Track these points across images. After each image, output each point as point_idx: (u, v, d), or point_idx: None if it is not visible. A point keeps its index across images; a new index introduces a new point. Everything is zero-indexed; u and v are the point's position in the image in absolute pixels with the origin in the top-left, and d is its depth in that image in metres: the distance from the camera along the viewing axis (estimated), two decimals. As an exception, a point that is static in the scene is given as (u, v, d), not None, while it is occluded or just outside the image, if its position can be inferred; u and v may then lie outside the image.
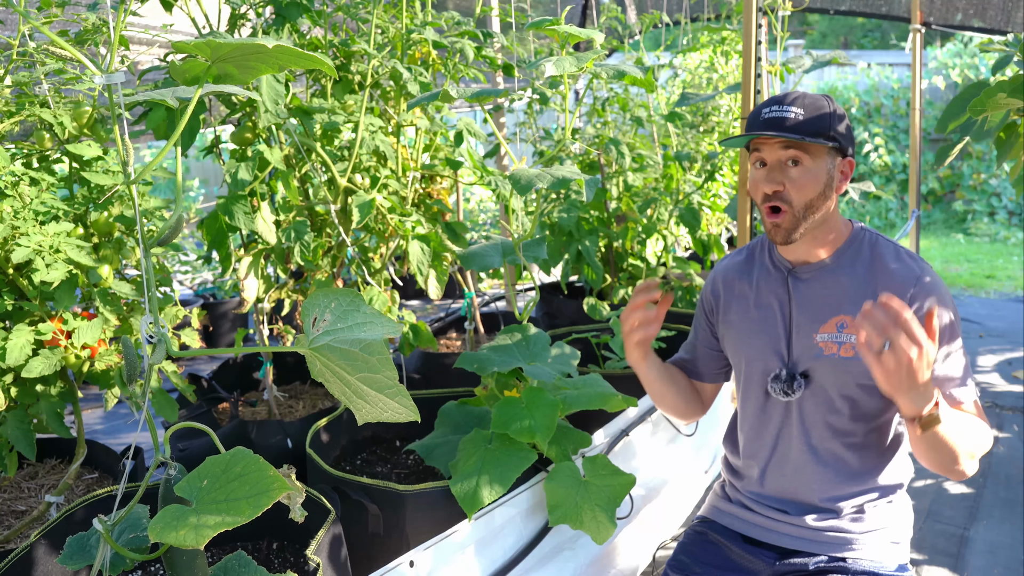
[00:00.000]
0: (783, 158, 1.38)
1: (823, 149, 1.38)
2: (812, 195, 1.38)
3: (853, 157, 1.43)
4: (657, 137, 3.74)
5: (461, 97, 1.91)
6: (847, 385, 1.43)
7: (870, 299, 1.39)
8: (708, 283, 1.64)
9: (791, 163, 1.38)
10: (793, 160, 1.38)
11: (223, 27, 2.05)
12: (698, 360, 1.68)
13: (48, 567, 1.44)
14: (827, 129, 1.37)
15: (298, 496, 1.03)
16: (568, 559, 1.81)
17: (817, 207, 1.39)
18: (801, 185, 1.37)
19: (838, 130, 1.39)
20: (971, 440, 1.30)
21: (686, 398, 1.66)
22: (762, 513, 1.55)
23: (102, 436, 3.22)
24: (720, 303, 1.60)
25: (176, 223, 1.08)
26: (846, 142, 1.40)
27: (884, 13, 4.94)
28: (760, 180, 1.40)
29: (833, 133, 1.38)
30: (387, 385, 1.00)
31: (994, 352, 4.40)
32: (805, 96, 1.40)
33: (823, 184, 1.38)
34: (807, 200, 1.38)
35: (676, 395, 1.64)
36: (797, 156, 1.37)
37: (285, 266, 2.15)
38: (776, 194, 1.38)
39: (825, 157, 1.39)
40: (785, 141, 1.37)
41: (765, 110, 1.40)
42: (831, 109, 1.39)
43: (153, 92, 1.10)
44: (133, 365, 1.12)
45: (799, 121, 1.36)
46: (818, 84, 10.12)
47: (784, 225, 1.39)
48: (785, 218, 1.39)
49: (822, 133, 1.37)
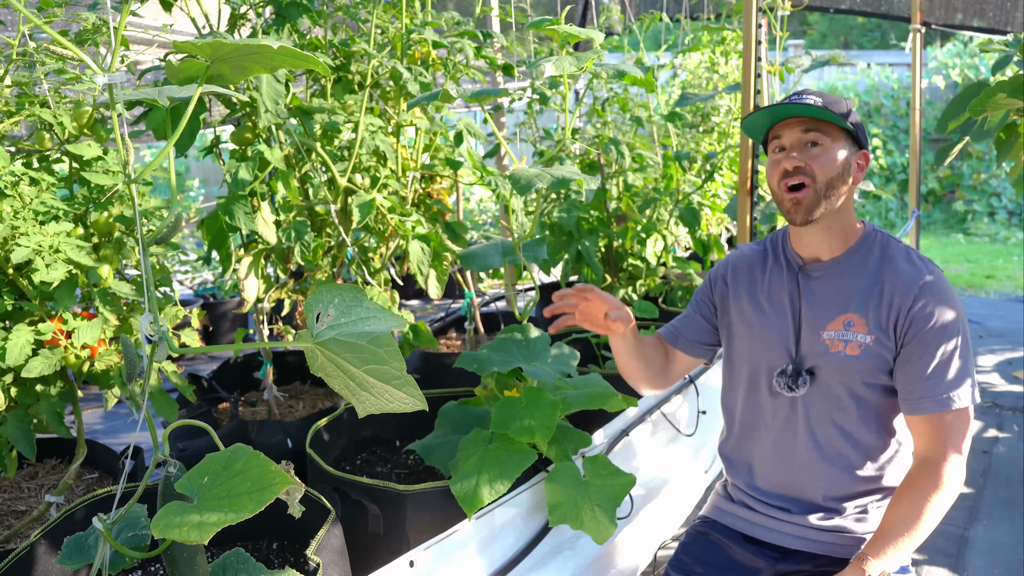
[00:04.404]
0: (804, 140, 1.44)
1: (841, 134, 1.44)
2: (832, 174, 1.42)
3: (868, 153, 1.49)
4: (657, 137, 3.74)
5: (461, 97, 1.91)
6: (854, 383, 1.44)
7: (878, 299, 1.40)
8: (721, 265, 1.66)
9: (811, 145, 1.43)
10: (813, 142, 1.43)
11: (223, 27, 2.05)
12: (686, 328, 1.69)
13: (48, 567, 1.44)
14: (845, 116, 1.42)
15: (297, 492, 1.03)
16: (568, 559, 1.81)
17: (836, 188, 1.43)
18: (823, 162, 1.42)
19: (854, 122, 1.45)
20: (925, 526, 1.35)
21: (652, 369, 1.67)
22: (764, 512, 1.55)
23: (102, 436, 3.21)
24: (730, 291, 1.62)
25: (174, 222, 1.08)
26: (861, 135, 1.46)
27: (884, 13, 4.94)
28: (781, 159, 1.45)
29: (850, 121, 1.43)
30: (395, 376, 1.01)
31: (994, 352, 4.40)
32: (821, 92, 1.47)
33: (841, 167, 1.43)
34: (828, 178, 1.42)
35: (640, 366, 1.66)
36: (817, 138, 1.43)
37: (285, 266, 2.15)
38: (797, 169, 1.42)
39: (843, 141, 1.44)
40: (805, 125, 1.43)
41: (784, 101, 1.46)
42: (846, 105, 1.46)
43: (144, 91, 1.10)
44: (133, 364, 1.12)
45: (818, 106, 1.42)
46: (818, 84, 10.12)
47: (805, 202, 1.42)
48: (807, 193, 1.42)
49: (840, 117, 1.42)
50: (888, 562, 1.33)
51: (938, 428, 1.37)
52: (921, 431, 1.40)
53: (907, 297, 1.39)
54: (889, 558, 1.33)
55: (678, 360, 1.70)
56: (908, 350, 1.39)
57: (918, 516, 1.34)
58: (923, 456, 1.39)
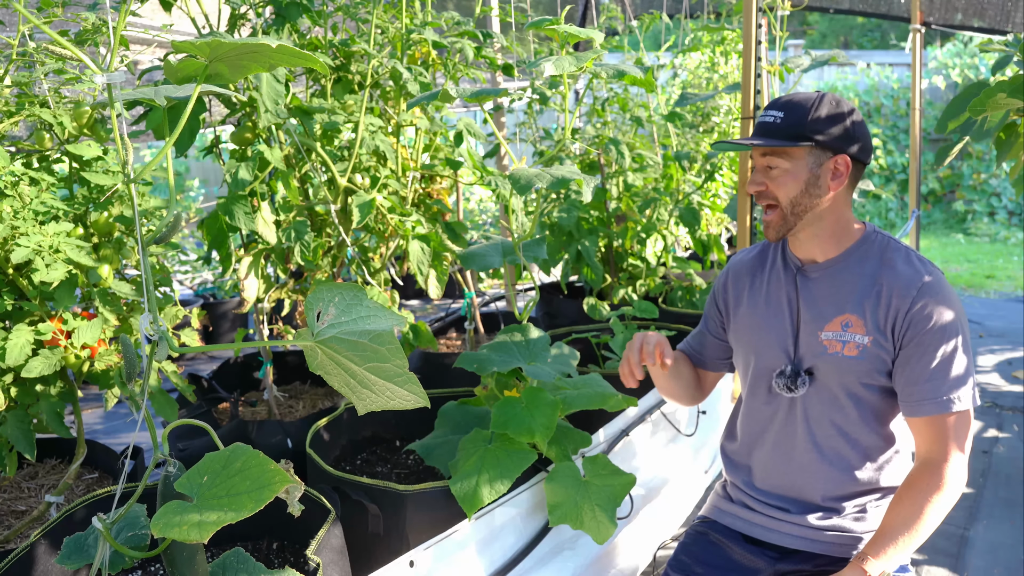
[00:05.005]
0: (763, 163, 1.46)
1: (801, 151, 1.41)
2: (794, 193, 1.42)
3: (855, 154, 1.42)
4: (657, 137, 3.74)
5: (460, 97, 1.92)
6: (852, 384, 1.44)
7: (875, 300, 1.40)
8: (722, 275, 1.67)
9: (768, 168, 1.45)
10: (768, 165, 1.44)
11: (223, 27, 2.05)
12: (705, 348, 1.71)
13: (48, 567, 1.44)
14: (803, 130, 1.39)
15: (296, 491, 1.03)
16: (568, 559, 1.81)
17: (804, 205, 1.43)
18: (780, 184, 1.43)
19: (822, 129, 1.40)
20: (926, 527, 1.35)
21: (689, 387, 1.71)
22: (764, 512, 1.55)
23: (102, 436, 3.21)
24: (731, 296, 1.63)
25: (174, 222, 1.08)
26: (835, 141, 1.40)
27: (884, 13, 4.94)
28: (748, 182, 1.48)
29: (810, 133, 1.39)
30: (397, 373, 1.01)
31: (994, 352, 4.40)
32: (792, 99, 1.43)
33: (804, 182, 1.41)
34: (790, 198, 1.43)
35: (679, 386, 1.69)
36: (771, 161, 1.44)
37: (285, 266, 2.15)
38: (759, 194, 1.46)
39: (805, 157, 1.41)
40: (762, 149, 1.45)
41: (759, 115, 1.49)
42: (816, 111, 1.40)
43: (143, 91, 1.10)
44: (133, 364, 1.12)
45: (776, 126, 1.42)
46: (818, 84, 10.12)
47: (774, 223, 1.46)
48: (775, 215, 1.45)
49: (797, 136, 1.40)
50: (888, 562, 1.33)
51: (939, 430, 1.37)
52: (922, 433, 1.39)
53: (905, 298, 1.38)
54: (889, 558, 1.33)
55: (708, 376, 1.75)
56: (907, 351, 1.39)
57: (919, 516, 1.34)
58: (924, 457, 1.39)
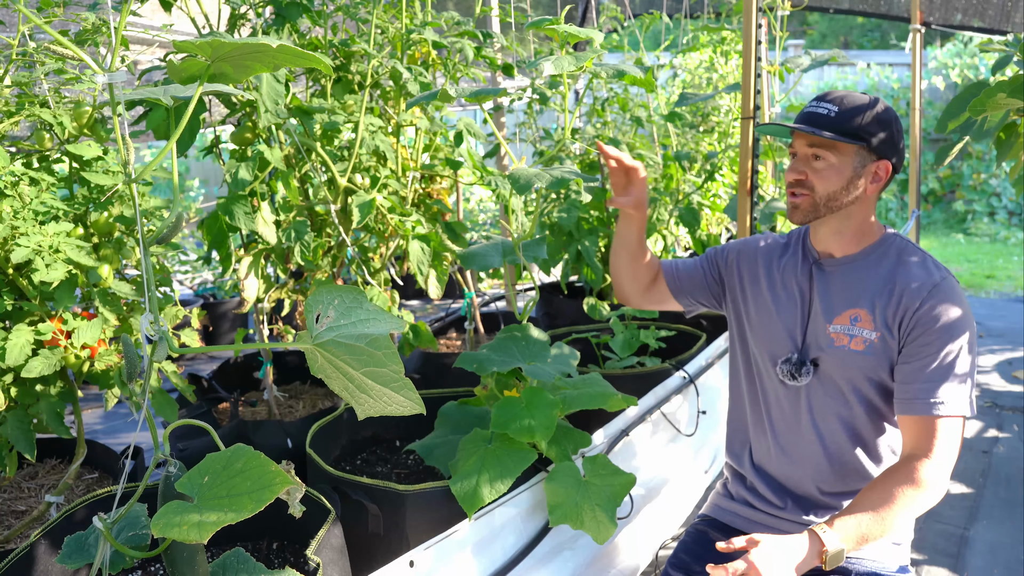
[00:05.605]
0: (808, 153, 1.46)
1: (850, 148, 1.43)
2: (834, 187, 1.43)
3: (893, 163, 1.46)
4: (657, 137, 3.74)
5: (460, 97, 1.91)
6: (856, 379, 1.44)
7: (887, 298, 1.41)
8: (742, 243, 1.68)
9: (815, 158, 1.45)
10: (815, 155, 1.44)
11: (223, 27, 2.05)
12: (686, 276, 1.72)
13: (48, 567, 1.44)
14: (856, 130, 1.41)
15: (297, 491, 1.03)
16: (568, 559, 1.81)
17: (839, 200, 1.44)
18: (823, 176, 1.44)
19: (872, 133, 1.42)
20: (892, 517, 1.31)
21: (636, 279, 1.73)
22: (764, 510, 1.55)
23: (102, 436, 3.21)
24: (747, 273, 1.64)
25: (175, 222, 1.08)
26: (882, 146, 1.43)
27: (884, 13, 4.94)
28: (789, 169, 1.49)
29: (863, 134, 1.42)
30: (393, 379, 1.01)
31: (994, 352, 4.40)
32: (847, 96, 1.45)
33: (846, 179, 1.43)
34: (829, 191, 1.44)
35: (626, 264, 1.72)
36: (819, 152, 1.44)
37: (285, 266, 2.15)
38: (798, 182, 1.46)
39: (852, 156, 1.43)
40: (811, 138, 1.44)
41: (808, 105, 1.49)
42: (871, 113, 1.43)
43: (147, 90, 1.10)
44: (133, 364, 1.12)
45: (830, 119, 1.42)
46: (818, 84, 10.12)
47: (802, 206, 1.46)
48: (804, 200, 1.46)
49: (849, 133, 1.41)
50: (845, 537, 1.28)
51: (926, 431, 1.36)
52: (909, 431, 1.39)
53: (916, 298, 1.39)
54: (847, 532, 1.29)
55: (661, 292, 1.75)
56: (909, 350, 1.39)
57: (887, 504, 1.31)
58: (907, 455, 1.39)
